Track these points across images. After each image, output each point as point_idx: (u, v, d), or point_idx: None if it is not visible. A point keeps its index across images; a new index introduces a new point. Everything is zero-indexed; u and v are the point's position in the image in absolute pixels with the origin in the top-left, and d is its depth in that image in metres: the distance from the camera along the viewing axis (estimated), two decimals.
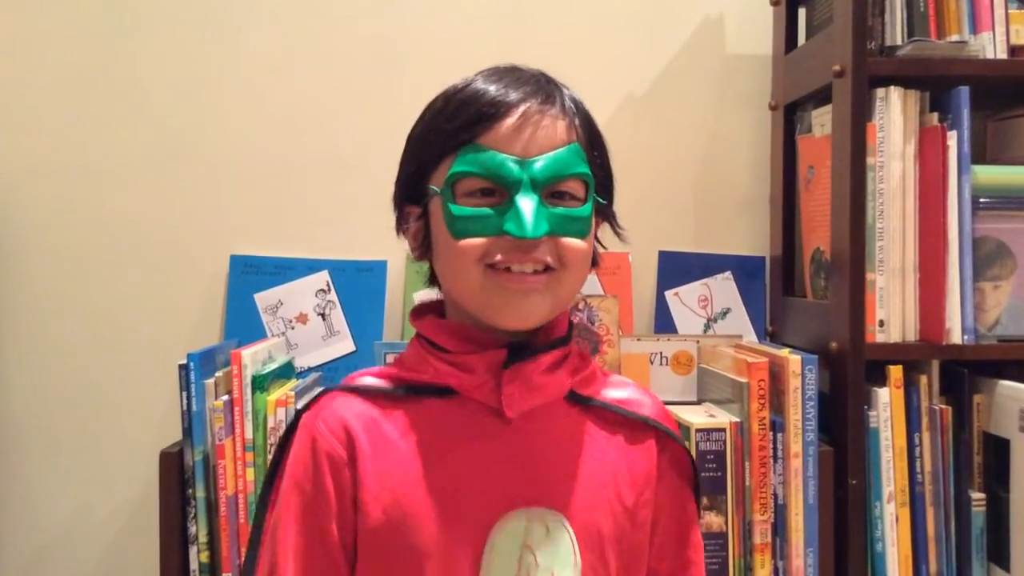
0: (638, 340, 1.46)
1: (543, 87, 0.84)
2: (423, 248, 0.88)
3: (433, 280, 0.92)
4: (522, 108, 0.81)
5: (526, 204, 0.79)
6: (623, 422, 0.88)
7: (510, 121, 0.80)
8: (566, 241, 0.82)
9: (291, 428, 0.87)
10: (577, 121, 0.84)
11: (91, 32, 1.58)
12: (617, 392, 0.90)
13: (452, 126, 0.82)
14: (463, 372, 0.84)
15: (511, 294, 0.81)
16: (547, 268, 0.82)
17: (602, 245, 0.92)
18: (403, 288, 1.57)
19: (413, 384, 0.86)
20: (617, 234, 0.93)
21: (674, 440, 0.90)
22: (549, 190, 0.81)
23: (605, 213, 0.90)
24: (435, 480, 0.82)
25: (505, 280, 0.81)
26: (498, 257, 0.80)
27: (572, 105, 0.85)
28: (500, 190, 0.81)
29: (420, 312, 0.91)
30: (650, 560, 0.89)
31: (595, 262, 0.89)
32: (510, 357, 0.83)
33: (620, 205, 0.93)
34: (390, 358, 1.51)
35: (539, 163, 0.80)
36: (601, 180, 0.87)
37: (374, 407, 0.85)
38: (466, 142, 0.81)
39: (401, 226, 0.91)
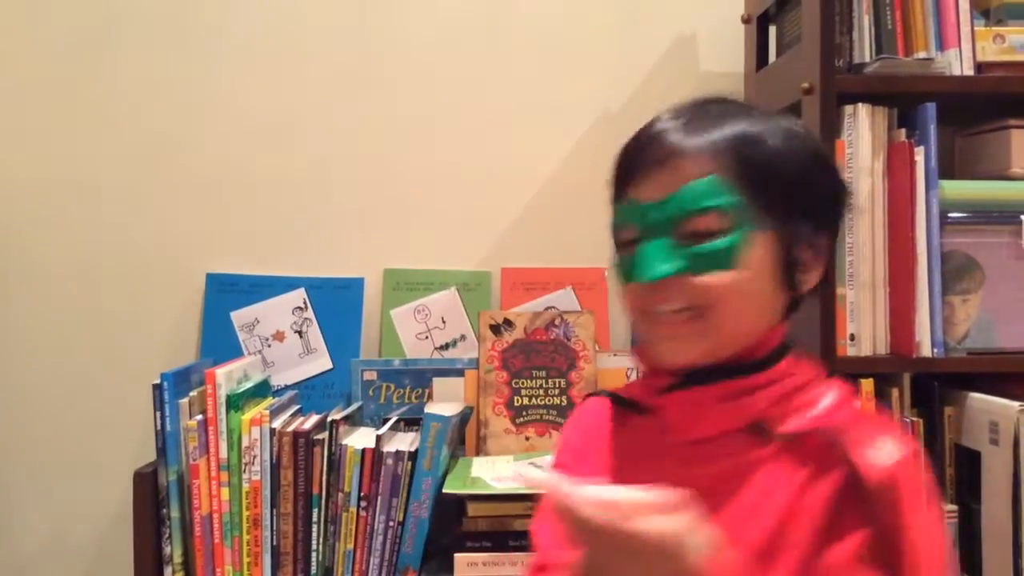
0: (614, 355, 1.48)
1: (689, 122, 0.82)
2: None
3: None
4: (660, 151, 0.80)
5: (644, 249, 0.79)
6: (816, 456, 0.77)
7: (650, 166, 0.81)
8: (702, 279, 0.78)
9: None
10: (724, 146, 0.80)
11: (65, 52, 1.59)
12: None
13: (611, 180, 0.86)
14: (645, 390, 0.87)
15: (659, 339, 0.82)
16: (693, 307, 0.79)
17: (803, 266, 0.82)
18: (380, 305, 1.57)
19: (630, 399, 0.89)
20: (820, 251, 0.84)
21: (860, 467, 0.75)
22: (683, 230, 0.79)
23: (792, 233, 0.81)
24: None
25: (654, 325, 0.82)
26: (642, 303, 0.82)
27: (718, 132, 0.80)
28: (641, 236, 0.81)
29: None
30: None
31: (795, 287, 0.82)
32: (684, 381, 0.82)
33: (595, 223, 0.92)
34: (367, 375, 1.52)
35: (665, 205, 0.79)
36: (774, 202, 0.80)
37: (606, 416, 0.90)
38: (618, 197, 0.84)
39: None
